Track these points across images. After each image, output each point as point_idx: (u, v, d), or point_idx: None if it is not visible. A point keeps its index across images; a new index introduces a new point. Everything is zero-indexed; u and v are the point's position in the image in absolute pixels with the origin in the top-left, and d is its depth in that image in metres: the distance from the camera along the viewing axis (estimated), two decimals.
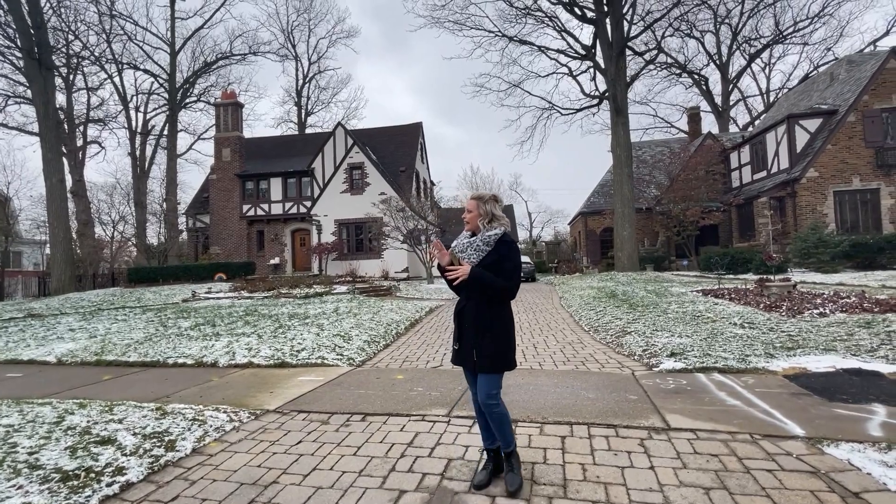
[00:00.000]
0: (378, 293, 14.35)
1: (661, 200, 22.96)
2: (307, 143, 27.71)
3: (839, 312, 6.43)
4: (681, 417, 3.19)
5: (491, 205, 2.42)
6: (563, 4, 21.48)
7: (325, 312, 9.39)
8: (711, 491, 2.24)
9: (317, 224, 22.72)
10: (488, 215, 2.40)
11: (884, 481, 2.22)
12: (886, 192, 16.84)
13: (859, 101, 17.03)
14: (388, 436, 3.12)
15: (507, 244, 2.37)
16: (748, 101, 37.72)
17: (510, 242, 2.39)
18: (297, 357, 5.70)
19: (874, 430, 2.83)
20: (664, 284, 12.58)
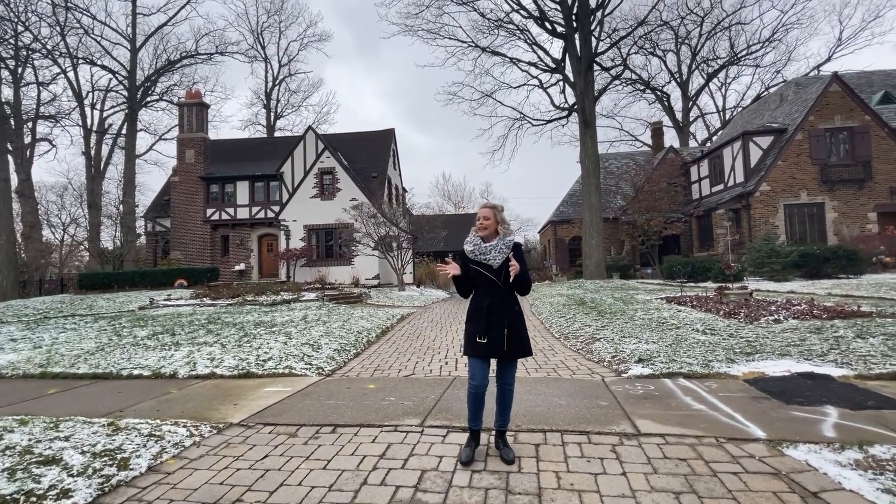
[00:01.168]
0: (348, 300, 14.11)
1: (627, 211, 23.75)
2: (276, 146, 27.10)
3: (792, 319, 6.79)
4: (650, 423, 3.26)
5: (501, 214, 2.91)
6: (534, 18, 22.03)
7: (294, 320, 9.13)
8: (681, 495, 2.28)
9: (285, 229, 22.18)
10: (502, 222, 2.88)
11: (839, 480, 2.33)
12: (830, 207, 18.03)
13: (806, 121, 18.23)
14: (360, 448, 3.03)
15: (520, 248, 2.87)
16: (706, 117, 39.71)
17: (521, 247, 2.91)
18: (264, 367, 5.49)
19: (828, 431, 2.98)
20: (630, 292, 12.95)
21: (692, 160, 24.39)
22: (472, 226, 2.97)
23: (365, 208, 19.48)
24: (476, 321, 2.75)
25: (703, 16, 32.97)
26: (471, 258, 2.81)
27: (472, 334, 2.76)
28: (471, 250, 2.81)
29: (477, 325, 2.74)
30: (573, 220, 25.95)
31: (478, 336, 2.71)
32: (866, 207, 17.81)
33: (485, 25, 22.98)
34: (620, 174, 27.42)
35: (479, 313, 2.75)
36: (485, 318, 2.71)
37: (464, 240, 2.95)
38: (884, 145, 17.81)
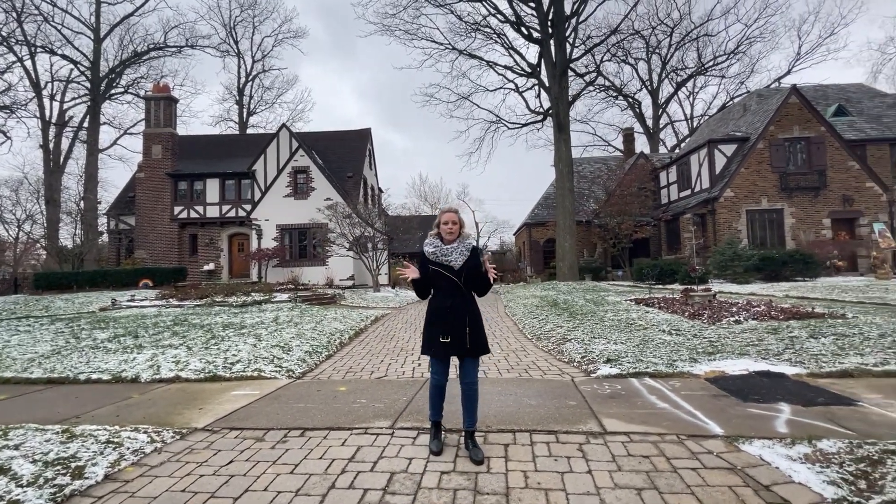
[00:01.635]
0: (321, 301, 13.91)
1: (599, 214, 24.30)
2: (248, 143, 26.47)
3: (751, 320, 7.09)
4: (616, 421, 3.34)
5: (462, 218, 3.02)
6: (510, 23, 22.30)
7: (264, 322, 8.93)
8: (643, 491, 2.36)
9: (257, 229, 21.68)
10: (463, 225, 2.99)
11: (790, 474, 2.45)
12: (789, 213, 18.94)
13: (767, 130, 19.10)
14: (329, 451, 3.00)
15: (478, 251, 2.99)
16: (675, 125, 41.11)
17: (479, 250, 3.02)
18: (232, 370, 5.35)
19: (781, 427, 3.13)
20: (601, 294, 13.25)
21: (661, 166, 25.18)
22: (453, 224, 2.96)
23: (340, 208, 19.26)
24: (438, 321, 2.86)
25: (672, 27, 34.17)
26: (431, 260, 2.90)
27: (435, 334, 2.86)
28: (432, 252, 2.90)
29: (439, 325, 2.85)
30: (548, 222, 26.37)
31: (441, 336, 2.82)
32: (821, 214, 18.80)
33: (462, 28, 23.13)
34: (593, 178, 28.05)
35: (441, 313, 2.86)
36: (447, 318, 2.83)
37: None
38: (837, 155, 18.85)
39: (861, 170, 18.79)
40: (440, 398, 2.96)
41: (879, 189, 18.68)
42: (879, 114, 22.02)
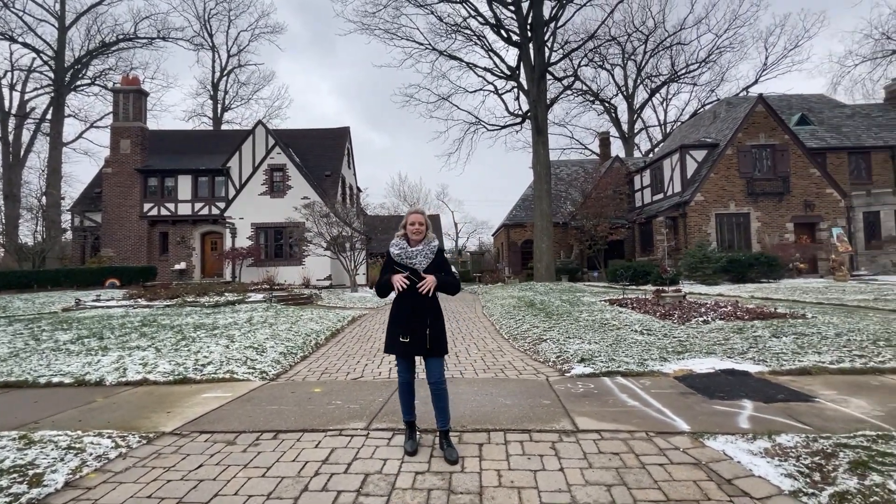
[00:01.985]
0: (297, 302, 13.69)
1: (576, 216, 24.72)
2: (223, 140, 25.84)
3: (719, 320, 7.35)
4: (588, 420, 3.42)
5: (428, 220, 3.07)
6: (490, 25, 22.47)
7: (237, 322, 8.74)
8: (613, 487, 2.42)
9: (231, 227, 21.19)
10: (429, 227, 3.04)
11: (750, 468, 2.55)
12: (755, 217, 19.70)
13: (735, 137, 19.81)
14: (302, 453, 2.96)
15: (442, 252, 3.06)
16: (649, 130, 42.23)
17: (443, 252, 3.10)
18: (203, 372, 5.22)
19: (743, 423, 3.26)
20: (577, 294, 13.48)
21: (636, 170, 25.81)
22: (420, 226, 3.02)
23: (317, 207, 19.01)
24: (400, 321, 2.91)
25: (647, 34, 35.09)
26: (397, 261, 2.96)
27: (396, 334, 2.92)
28: (397, 254, 2.96)
29: (400, 325, 2.90)
30: (526, 223, 26.66)
31: (401, 336, 2.88)
32: (785, 218, 19.62)
33: (442, 29, 23.18)
34: (570, 181, 28.52)
35: (403, 314, 2.92)
36: (409, 318, 2.89)
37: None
38: (800, 163, 19.72)
39: (822, 177, 19.70)
40: (410, 396, 3.00)
41: (838, 195, 19.63)
42: (839, 124, 23.14)
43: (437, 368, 2.93)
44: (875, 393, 3.80)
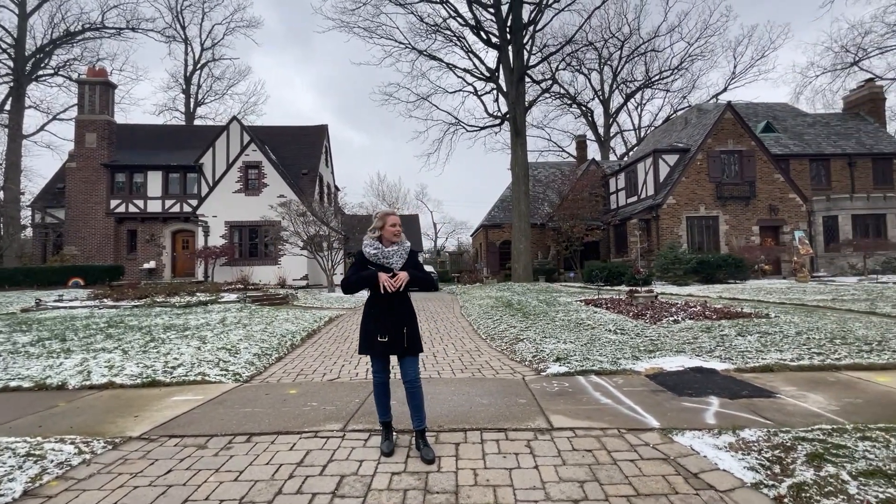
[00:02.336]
0: (273, 302, 13.44)
1: (553, 217, 25.10)
2: (196, 135, 25.12)
3: (688, 319, 7.59)
4: (563, 418, 3.48)
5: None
6: (470, 27, 22.57)
7: (210, 323, 8.52)
8: (585, 483, 2.47)
9: (203, 225, 20.63)
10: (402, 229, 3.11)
11: (716, 462, 2.65)
12: (723, 220, 20.41)
13: (705, 143, 20.49)
14: (276, 456, 2.92)
15: (416, 254, 3.12)
16: (624, 134, 43.22)
17: (417, 253, 3.21)
18: (173, 374, 5.07)
19: (710, 418, 3.38)
20: (554, 294, 13.68)
21: (611, 173, 26.38)
22: (399, 227, 3.05)
23: (294, 206, 18.70)
24: (376, 321, 2.92)
25: (623, 40, 35.91)
26: (372, 261, 2.96)
27: (373, 333, 2.92)
28: (374, 253, 2.95)
29: (377, 324, 2.91)
30: (504, 224, 26.89)
31: (379, 335, 2.89)
32: (751, 221, 20.41)
33: (422, 29, 23.16)
34: (548, 182, 28.93)
35: (380, 314, 2.93)
36: (388, 318, 2.91)
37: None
38: (765, 168, 20.54)
39: (785, 182, 20.58)
40: (385, 396, 3.01)
41: (800, 200, 20.54)
42: (801, 131, 24.22)
43: (413, 367, 2.95)
44: (831, 389, 4.00)
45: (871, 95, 25.49)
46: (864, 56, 27.36)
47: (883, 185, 22.41)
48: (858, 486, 2.23)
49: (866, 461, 2.46)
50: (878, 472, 2.33)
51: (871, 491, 2.18)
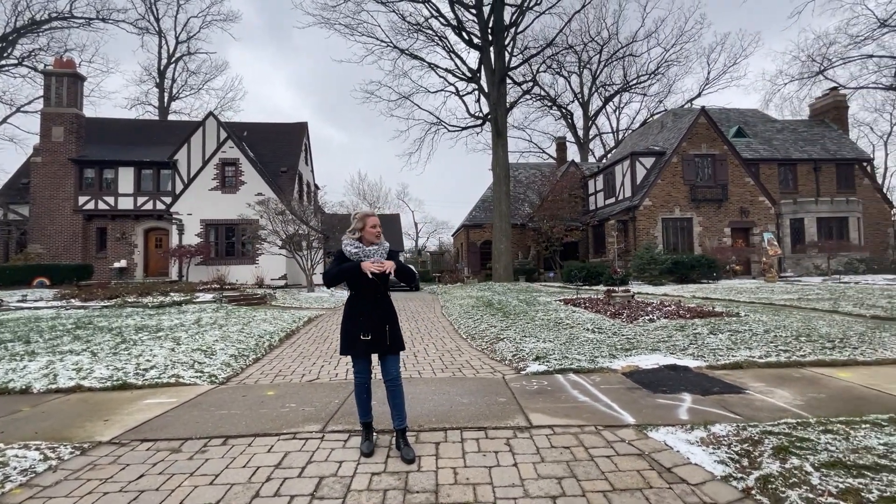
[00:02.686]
0: (250, 302, 13.19)
1: (533, 218, 25.37)
2: (170, 130, 24.43)
3: (663, 318, 7.79)
4: (542, 416, 3.53)
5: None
6: (452, 27, 22.60)
7: (184, 324, 8.30)
8: (563, 480, 2.52)
9: (178, 223, 20.08)
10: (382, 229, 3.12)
11: (688, 456, 2.74)
12: (697, 221, 21.00)
13: (680, 146, 21.03)
14: (254, 459, 2.87)
15: (397, 254, 3.12)
16: (603, 136, 43.99)
17: (398, 253, 3.17)
18: (145, 377, 4.93)
19: (683, 414, 3.48)
20: (534, 294, 13.83)
21: (590, 174, 26.82)
22: (379, 229, 3.05)
23: (272, 204, 18.38)
24: (358, 320, 2.92)
25: (602, 44, 36.56)
26: (353, 260, 2.94)
27: (356, 333, 2.91)
28: (355, 252, 2.94)
29: (360, 324, 2.91)
30: (485, 224, 27.02)
31: (361, 334, 2.89)
32: (723, 223, 21.06)
33: (404, 28, 23.08)
34: (528, 183, 29.21)
35: (362, 313, 2.93)
36: (367, 317, 2.91)
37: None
38: (737, 172, 21.23)
39: (755, 185, 21.31)
40: (367, 397, 2.99)
41: (769, 203, 21.30)
42: (770, 137, 25.11)
43: (395, 365, 2.96)
44: (796, 384, 4.17)
45: (835, 104, 26.62)
46: (829, 66, 28.53)
47: (845, 189, 23.43)
48: (820, 476, 2.33)
49: (828, 453, 2.58)
50: (838, 464, 2.45)
51: (832, 481, 2.28)
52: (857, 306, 8.52)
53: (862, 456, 2.52)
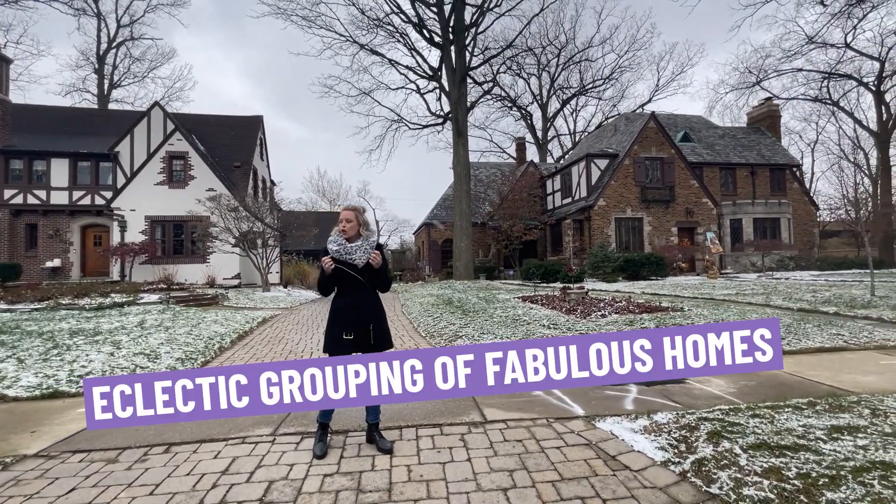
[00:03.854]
0: (200, 303, 12.60)
1: (494, 217, 25.73)
2: (111, 120, 22.85)
3: (614, 314, 8.13)
4: (496, 410, 3.60)
5: (363, 217, 3.06)
6: (413, 24, 22.49)
7: (126, 326, 7.81)
8: (514, 472, 2.58)
9: (119, 220, 18.84)
10: (365, 224, 3.04)
11: (632, 444, 2.88)
12: (647, 221, 22.04)
13: (631, 149, 21.99)
14: (199, 466, 2.75)
15: (383, 248, 3.09)
16: (561, 138, 45.24)
17: (384, 248, 3.17)
18: (80, 384, 4.59)
19: (628, 405, 3.66)
20: (493, 292, 14.05)
21: (548, 174, 27.53)
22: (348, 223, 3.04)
23: (224, 200, 17.60)
24: (342, 319, 2.88)
25: (560, 48, 37.60)
26: (335, 257, 2.90)
27: (339, 331, 2.87)
28: (336, 249, 2.90)
29: (343, 322, 2.87)
30: (446, 223, 27.14)
31: (345, 333, 2.85)
32: (671, 223, 22.22)
33: (364, 23, 22.73)
34: (489, 182, 29.60)
35: (345, 311, 2.89)
36: (352, 315, 2.88)
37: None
38: (683, 175, 22.45)
39: (699, 188, 22.63)
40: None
41: (711, 204, 22.69)
42: (713, 142, 26.74)
43: None
44: (731, 373, 4.48)
45: (770, 113, 28.72)
46: (764, 77, 30.75)
47: (778, 192, 25.35)
48: (748, 458, 2.52)
49: (755, 436, 2.79)
50: (763, 445, 2.66)
51: (757, 462, 2.47)
52: (785, 300, 9.25)
53: (784, 437, 2.75)
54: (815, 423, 2.94)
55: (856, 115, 33.56)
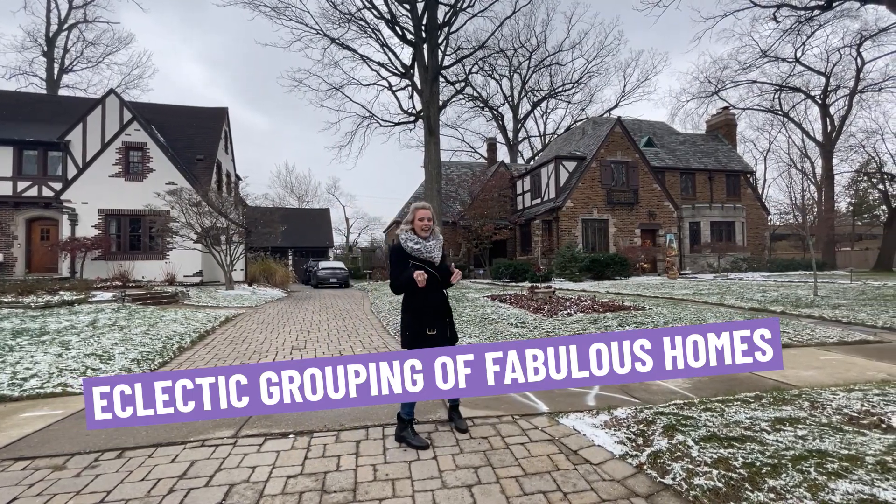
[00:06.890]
0: (158, 301, 12.08)
1: (464, 216, 25.87)
2: (61, 107, 21.52)
3: (580, 312, 8.35)
4: (464, 408, 3.62)
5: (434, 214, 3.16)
6: (385, 21, 22.29)
7: (76, 326, 7.40)
8: (480, 469, 2.62)
9: (70, 213, 17.78)
10: (435, 221, 3.15)
11: (593, 439, 2.98)
12: (612, 222, 22.71)
13: (598, 152, 22.60)
14: (154, 471, 2.65)
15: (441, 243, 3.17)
16: (531, 139, 45.93)
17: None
18: (23, 387, 4.33)
19: (591, 401, 3.78)
20: (463, 291, 14.14)
21: (518, 175, 27.91)
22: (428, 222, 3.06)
23: (185, 194, 16.89)
24: (423, 316, 3.00)
25: (531, 51, 38.17)
26: (415, 256, 3.00)
27: (422, 328, 2.98)
28: (417, 248, 3.00)
29: (425, 319, 2.99)
30: None
31: (428, 329, 2.98)
32: (634, 225, 22.99)
33: (336, 16, 22.35)
34: (460, 182, 29.73)
35: (427, 308, 3.00)
36: (433, 312, 3.01)
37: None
38: (646, 178, 23.27)
39: (661, 191, 23.52)
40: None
41: (672, 207, 23.63)
42: (674, 148, 27.84)
43: None
44: None
45: (727, 121, 30.18)
46: (723, 87, 32.30)
47: (733, 197, 26.68)
48: (699, 449, 2.66)
49: (706, 428, 2.94)
50: (713, 437, 2.80)
51: (707, 453, 2.61)
52: (738, 299, 9.76)
53: (732, 429, 2.91)
54: (760, 415, 3.13)
55: (804, 126, 35.79)
